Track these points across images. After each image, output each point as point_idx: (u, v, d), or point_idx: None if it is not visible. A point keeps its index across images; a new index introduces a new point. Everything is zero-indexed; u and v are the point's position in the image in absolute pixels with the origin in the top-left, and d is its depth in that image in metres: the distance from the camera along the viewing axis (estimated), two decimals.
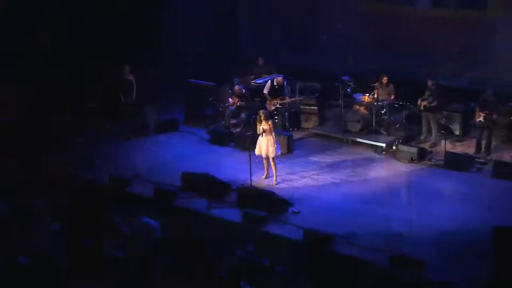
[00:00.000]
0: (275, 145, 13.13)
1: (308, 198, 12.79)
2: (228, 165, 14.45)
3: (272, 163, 13.24)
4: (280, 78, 15.73)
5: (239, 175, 13.72)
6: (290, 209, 12.28)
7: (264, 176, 13.36)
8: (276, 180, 13.18)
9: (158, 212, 12.49)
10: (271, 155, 13.22)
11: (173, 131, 16.47)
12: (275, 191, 12.88)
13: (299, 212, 12.20)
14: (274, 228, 11.70)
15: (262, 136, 13.01)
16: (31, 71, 16.09)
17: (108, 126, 16.25)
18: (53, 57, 16.37)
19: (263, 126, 12.96)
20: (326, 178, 13.62)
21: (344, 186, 13.25)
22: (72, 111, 16.35)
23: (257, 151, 13.26)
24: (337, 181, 13.48)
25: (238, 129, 16.29)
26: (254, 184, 13.19)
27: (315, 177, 13.68)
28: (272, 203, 12.26)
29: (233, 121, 16.52)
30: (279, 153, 13.40)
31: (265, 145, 13.10)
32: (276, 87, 15.73)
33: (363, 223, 11.75)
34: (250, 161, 13.12)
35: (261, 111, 13.33)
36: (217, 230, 12.03)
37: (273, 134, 13.23)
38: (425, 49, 16.14)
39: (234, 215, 12.24)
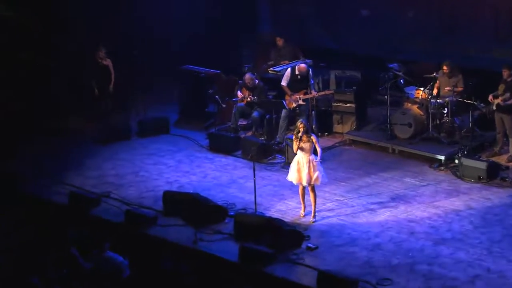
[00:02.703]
0: (321, 169, 12.40)
1: (332, 229, 12.39)
2: (229, 181, 14.21)
3: (311, 193, 12.42)
4: (303, 65, 15.34)
5: (242, 197, 13.46)
6: (305, 244, 11.90)
7: (302, 212, 12.76)
8: (314, 215, 12.61)
9: (128, 243, 12.37)
10: (314, 182, 12.36)
11: (162, 134, 16.40)
12: (286, 219, 12.52)
13: (316, 248, 11.81)
14: (280, 269, 11.32)
15: (300, 156, 12.36)
16: None
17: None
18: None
19: (303, 143, 12.25)
20: (360, 201, 13.22)
21: (382, 213, 12.82)
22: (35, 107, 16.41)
23: (293, 178, 12.44)
24: (374, 206, 13.06)
25: (248, 133, 16.04)
26: (261, 210, 12.90)
27: (345, 200, 13.29)
28: (280, 235, 11.86)
29: (241, 122, 16.27)
30: (326, 181, 12.77)
31: (305, 169, 12.34)
32: (298, 77, 15.36)
33: (403, 264, 11.27)
34: (254, 177, 12.80)
35: (299, 122, 12.36)
36: (205, 270, 11.71)
37: (319, 152, 12.41)
38: (502, 26, 15.57)
39: (228, 250, 11.94)
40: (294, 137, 12.51)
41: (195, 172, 14.72)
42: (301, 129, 12.32)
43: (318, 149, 12.49)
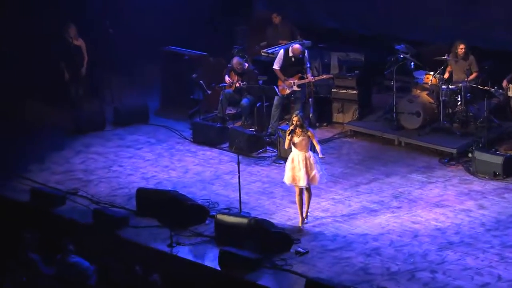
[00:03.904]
0: (318, 168, 12.33)
1: (325, 231, 12.39)
2: (213, 177, 14.26)
3: (306, 192, 12.37)
4: (297, 46, 15.33)
5: (226, 194, 13.52)
6: (294, 248, 11.92)
7: (300, 222, 12.46)
8: (306, 216, 12.53)
9: (95, 247, 12.44)
10: (311, 182, 12.29)
11: (140, 123, 16.49)
12: (274, 221, 12.52)
13: (306, 253, 11.82)
14: (264, 277, 11.35)
15: (295, 153, 12.27)
16: None
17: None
18: None
19: (296, 138, 12.16)
20: (359, 200, 13.23)
21: (383, 213, 12.81)
22: None
23: (288, 179, 12.35)
24: (374, 205, 13.06)
25: (237, 123, 16.07)
26: (247, 210, 12.93)
27: (342, 198, 13.31)
28: (266, 238, 11.88)
29: (229, 110, 16.31)
30: (325, 181, 12.68)
31: (302, 168, 12.21)
32: (292, 59, 15.36)
33: (403, 271, 11.25)
34: (239, 172, 12.83)
35: (295, 114, 12.27)
36: (181, 278, 11.79)
37: (319, 148, 12.34)
38: None
39: (208, 255, 11.97)
40: (287, 131, 12.38)
41: (175, 167, 14.74)
42: (294, 123, 12.23)
43: (318, 146, 12.37)
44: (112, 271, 11.83)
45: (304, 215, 12.60)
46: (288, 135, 12.27)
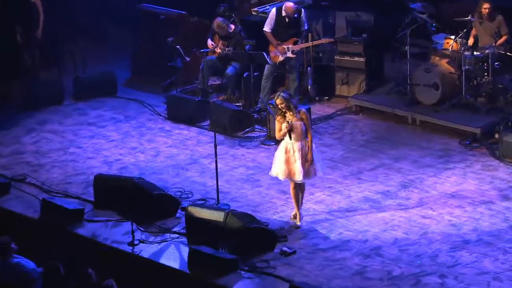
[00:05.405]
0: (316, 158, 12.23)
1: (318, 227, 12.40)
2: (189, 161, 14.32)
3: (300, 188, 12.36)
4: (290, 4, 15.27)
5: (203, 182, 13.58)
6: (279, 248, 11.92)
7: (297, 221, 12.39)
8: (300, 217, 12.46)
9: (44, 244, 12.46)
10: (307, 177, 12.22)
11: (106, 96, 16.60)
12: (258, 215, 12.53)
13: (293, 253, 11.83)
14: (241, 281, 11.37)
15: (287, 141, 12.10)
16: None
17: None
18: None
19: (288, 122, 11.93)
20: (360, 190, 13.26)
21: (389, 206, 12.83)
22: None
23: (279, 172, 12.21)
24: (378, 196, 13.07)
25: (221, 96, 16.09)
26: (226, 201, 12.99)
27: (341, 188, 13.33)
28: (245, 235, 11.88)
29: (213, 81, 16.33)
30: (321, 174, 12.55)
31: (297, 159, 12.08)
32: (286, 20, 15.34)
33: (407, 276, 11.22)
34: (216, 156, 12.80)
35: (276, 96, 11.98)
36: (143, 282, 11.83)
37: (310, 136, 12.13)
38: None
39: (176, 255, 12.00)
40: (276, 119, 12.20)
41: (145, 148, 14.78)
42: (280, 107, 11.95)
43: (309, 134, 12.13)
44: (63, 274, 11.84)
45: (295, 212, 12.58)
46: (281, 125, 12.02)
